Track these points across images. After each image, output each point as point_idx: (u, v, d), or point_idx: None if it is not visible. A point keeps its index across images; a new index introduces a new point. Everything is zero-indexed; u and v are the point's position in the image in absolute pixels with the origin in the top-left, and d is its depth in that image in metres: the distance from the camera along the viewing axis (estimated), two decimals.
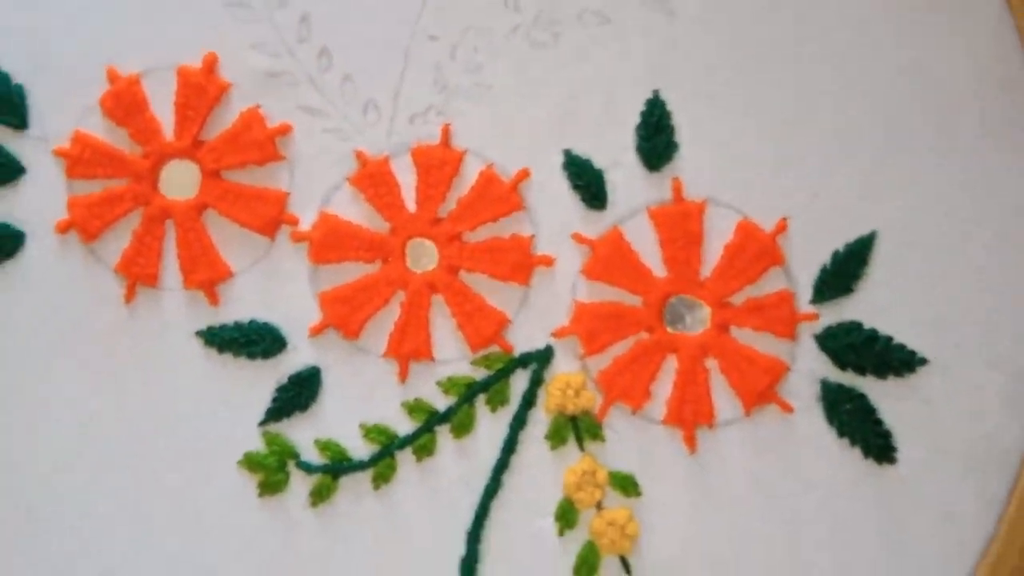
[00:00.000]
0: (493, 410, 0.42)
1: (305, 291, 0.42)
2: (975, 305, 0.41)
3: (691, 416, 0.42)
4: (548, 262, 0.42)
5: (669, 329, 0.42)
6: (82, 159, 0.43)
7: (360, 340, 0.42)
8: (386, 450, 0.42)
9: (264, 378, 0.42)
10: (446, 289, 0.42)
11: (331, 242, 0.42)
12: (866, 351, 0.41)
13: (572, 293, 0.42)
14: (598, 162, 0.42)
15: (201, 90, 0.42)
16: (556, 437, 0.42)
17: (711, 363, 0.42)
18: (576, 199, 0.42)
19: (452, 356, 0.42)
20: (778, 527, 0.41)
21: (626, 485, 0.41)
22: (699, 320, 0.42)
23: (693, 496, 0.41)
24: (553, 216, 0.42)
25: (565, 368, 0.42)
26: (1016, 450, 0.41)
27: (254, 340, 0.42)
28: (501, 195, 0.42)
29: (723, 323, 0.42)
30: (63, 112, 0.43)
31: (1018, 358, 0.41)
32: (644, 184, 0.42)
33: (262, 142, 0.42)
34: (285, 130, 0.42)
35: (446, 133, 0.42)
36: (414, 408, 0.42)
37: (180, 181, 0.43)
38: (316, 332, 0.42)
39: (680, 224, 0.42)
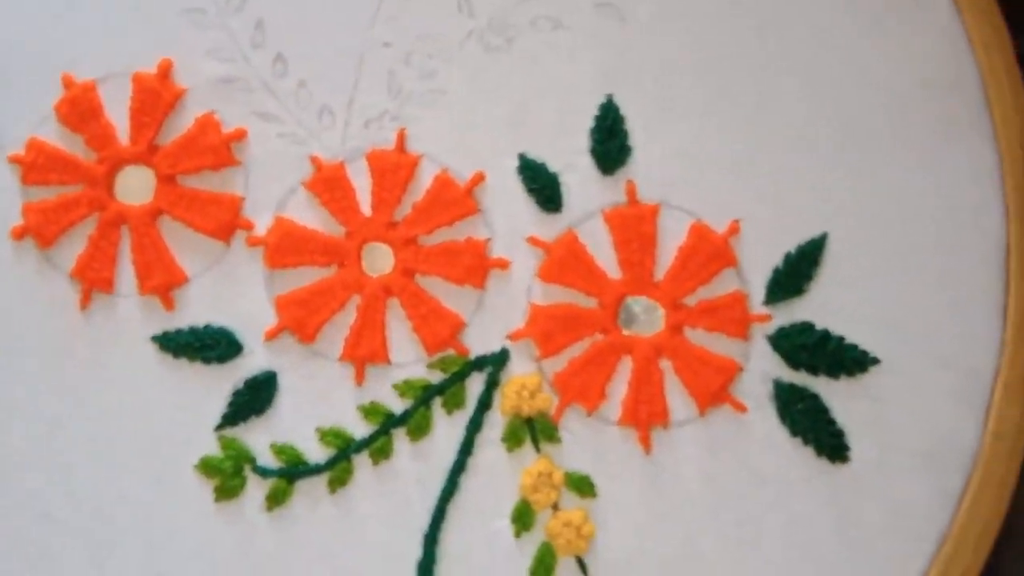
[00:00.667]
0: (449, 413, 0.42)
1: (260, 295, 0.42)
2: (925, 305, 0.42)
3: (646, 417, 0.42)
4: (503, 265, 0.42)
5: (624, 331, 0.42)
6: (36, 165, 0.43)
7: (316, 344, 0.42)
8: (342, 453, 0.42)
9: (220, 383, 0.42)
10: (401, 292, 0.42)
11: (286, 246, 0.42)
12: (818, 351, 0.42)
13: (527, 296, 0.42)
14: (553, 166, 0.42)
15: (156, 96, 0.42)
16: (512, 439, 0.42)
17: (665, 364, 0.42)
18: (531, 202, 0.43)
19: (408, 359, 0.42)
20: (732, 526, 0.41)
21: (582, 486, 0.42)
22: (653, 321, 0.42)
23: (648, 496, 0.42)
24: (508, 219, 0.42)
25: (521, 370, 0.42)
26: (969, 448, 0.42)
27: (209, 345, 0.42)
28: (456, 199, 0.42)
29: (677, 324, 0.42)
30: (19, 119, 0.43)
31: (969, 357, 0.42)
32: (598, 187, 0.43)
33: (217, 147, 0.42)
34: (240, 135, 0.43)
35: (401, 138, 0.43)
36: (370, 411, 0.42)
37: (135, 187, 0.43)
38: (271, 336, 0.42)
39: (634, 226, 0.42)
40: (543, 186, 0.42)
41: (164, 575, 0.42)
